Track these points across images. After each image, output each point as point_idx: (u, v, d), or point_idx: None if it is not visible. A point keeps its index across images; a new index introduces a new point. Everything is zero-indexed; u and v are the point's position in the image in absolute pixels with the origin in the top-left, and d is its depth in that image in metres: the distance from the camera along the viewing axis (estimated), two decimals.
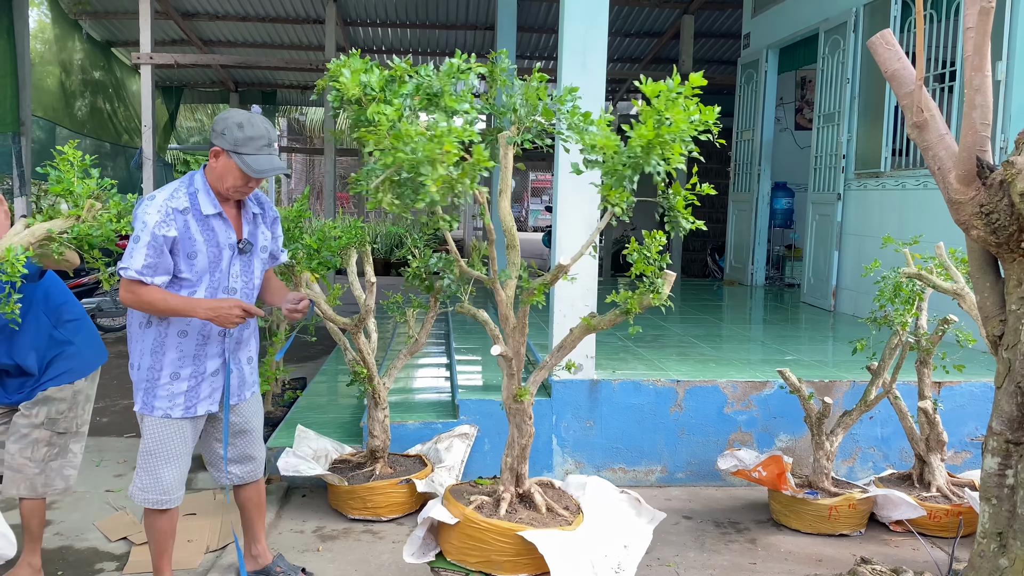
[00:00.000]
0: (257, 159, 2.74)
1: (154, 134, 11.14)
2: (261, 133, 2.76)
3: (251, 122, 2.75)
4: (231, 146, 2.72)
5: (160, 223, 2.70)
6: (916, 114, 1.55)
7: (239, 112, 2.80)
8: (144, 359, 2.91)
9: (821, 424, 4.00)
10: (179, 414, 2.90)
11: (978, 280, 1.55)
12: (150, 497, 2.92)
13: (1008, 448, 1.44)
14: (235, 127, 2.72)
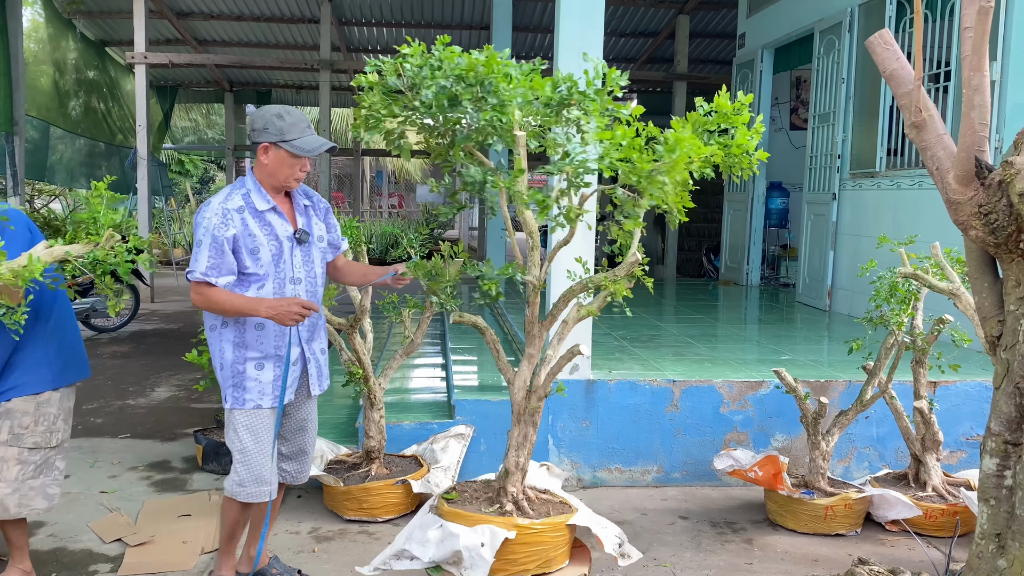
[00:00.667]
0: (305, 140, 2.86)
1: (148, 134, 11.12)
2: (300, 117, 2.89)
3: (288, 111, 2.88)
4: (278, 136, 2.83)
5: (219, 225, 2.79)
6: (914, 114, 1.54)
7: (272, 106, 2.92)
8: (226, 356, 2.94)
9: (817, 424, 4.00)
10: (269, 403, 2.95)
11: (976, 280, 1.55)
12: (251, 491, 2.96)
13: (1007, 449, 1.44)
14: (275, 118, 2.84)
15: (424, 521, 3.22)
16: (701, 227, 13.33)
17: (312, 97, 17.29)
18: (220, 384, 2.99)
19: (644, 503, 4.30)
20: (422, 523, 3.23)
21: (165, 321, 9.86)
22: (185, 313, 10.48)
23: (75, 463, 4.70)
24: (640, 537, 3.85)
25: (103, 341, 8.51)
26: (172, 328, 9.36)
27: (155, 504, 4.11)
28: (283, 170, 2.87)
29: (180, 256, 16.21)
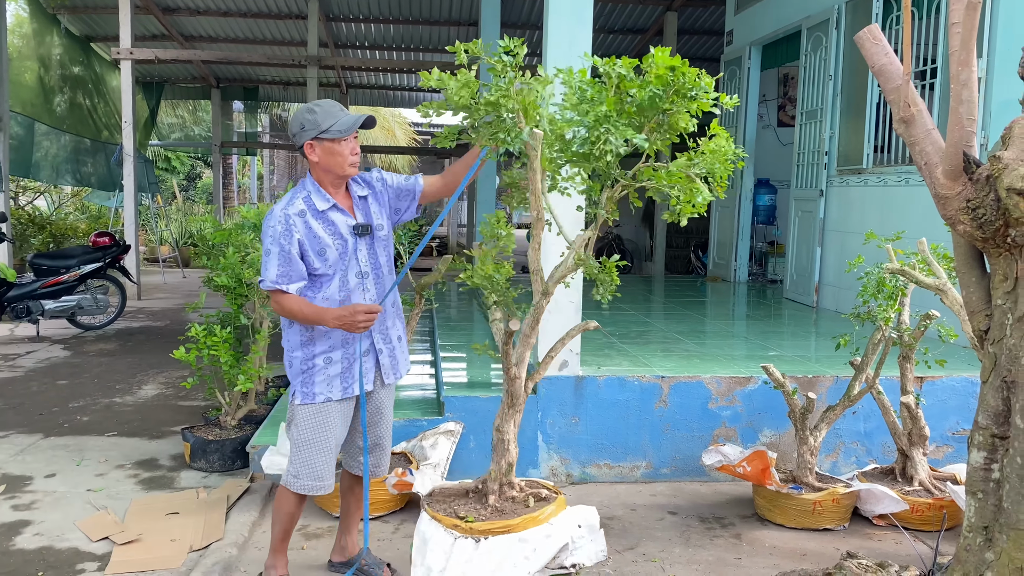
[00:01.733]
0: (341, 122, 2.85)
1: (134, 130, 11.05)
2: (330, 104, 2.90)
3: (317, 103, 2.89)
4: (315, 130, 2.83)
5: (283, 232, 2.83)
6: (903, 109, 1.55)
7: (302, 105, 3.02)
8: (296, 353, 3.00)
9: (805, 419, 4.02)
10: (339, 395, 2.98)
11: (964, 275, 1.56)
12: (304, 483, 2.99)
13: (994, 442, 1.45)
14: (306, 114, 2.85)
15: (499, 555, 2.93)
16: (689, 224, 13.36)
17: (300, 94, 17.22)
18: (290, 379, 3.03)
19: (633, 499, 4.31)
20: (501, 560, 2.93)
21: (152, 318, 9.81)
22: (172, 310, 10.43)
23: (61, 461, 4.67)
24: (629, 532, 3.86)
25: (89, 339, 8.46)
26: (159, 325, 9.31)
27: (143, 502, 4.09)
28: (334, 159, 2.88)
29: (167, 253, 16.12)
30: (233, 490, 4.19)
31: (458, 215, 22.80)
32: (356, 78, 16.76)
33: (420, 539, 2.70)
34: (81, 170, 13.03)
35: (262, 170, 29.20)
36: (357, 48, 14.79)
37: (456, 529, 2.65)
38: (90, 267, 8.52)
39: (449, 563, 2.65)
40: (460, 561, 2.61)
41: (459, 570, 2.63)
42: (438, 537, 2.67)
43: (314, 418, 2.98)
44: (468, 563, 2.60)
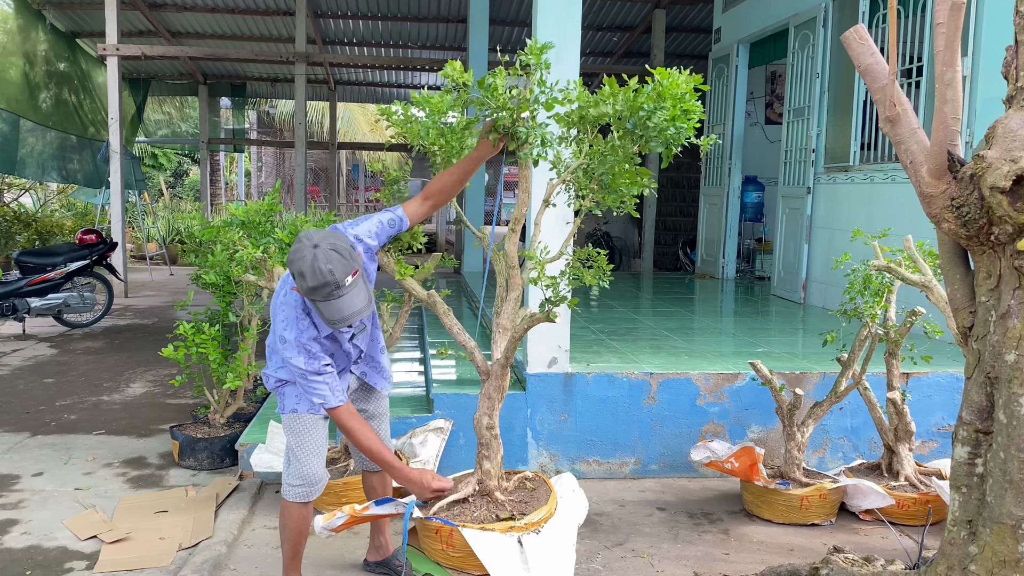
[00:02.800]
0: (328, 307, 2.57)
1: (121, 127, 10.99)
2: (325, 280, 2.52)
3: (314, 269, 2.51)
4: (304, 293, 2.60)
5: (308, 360, 2.76)
6: (889, 108, 1.57)
7: (303, 256, 2.53)
8: (282, 375, 2.99)
9: (792, 415, 4.05)
10: (306, 408, 2.96)
11: (948, 272, 1.58)
12: (298, 490, 2.98)
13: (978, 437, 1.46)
14: (299, 277, 2.56)
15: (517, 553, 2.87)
16: (677, 221, 13.42)
17: (288, 90, 17.16)
18: (267, 387, 3.05)
19: (622, 495, 4.33)
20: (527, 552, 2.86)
21: (139, 316, 9.76)
22: (160, 308, 10.38)
23: (48, 460, 4.65)
24: (619, 529, 3.88)
25: (76, 337, 8.41)
26: (147, 323, 9.27)
27: (131, 500, 4.08)
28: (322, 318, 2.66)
29: (154, 250, 16.04)
30: (222, 488, 4.19)
31: (447, 212, 22.78)
32: (344, 75, 16.71)
33: (485, 555, 2.63)
34: (67, 167, 12.95)
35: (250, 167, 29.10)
36: (345, 45, 14.75)
37: (514, 531, 2.67)
38: (76, 264, 8.47)
39: (530, 563, 2.62)
40: (536, 557, 2.62)
41: (539, 565, 2.62)
42: (501, 545, 2.62)
43: (295, 426, 2.96)
44: (542, 556, 2.63)
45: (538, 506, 2.73)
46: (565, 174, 2.72)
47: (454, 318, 3.03)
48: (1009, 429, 1.51)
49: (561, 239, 4.12)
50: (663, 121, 2.44)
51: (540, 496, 2.80)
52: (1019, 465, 1.50)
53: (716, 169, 10.01)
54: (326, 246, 2.52)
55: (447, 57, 14.80)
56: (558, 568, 2.66)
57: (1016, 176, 1.40)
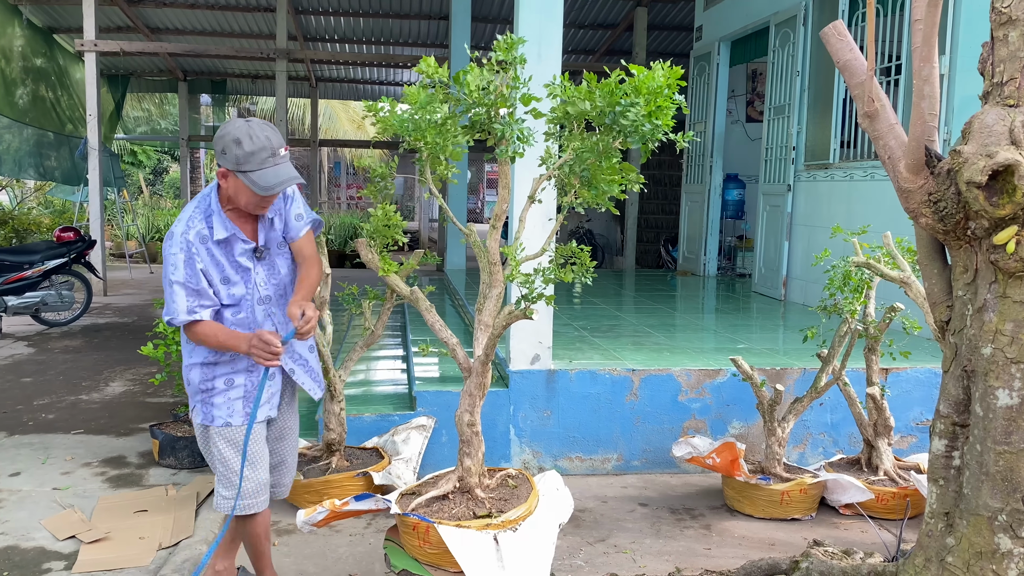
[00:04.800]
0: (263, 174, 2.56)
1: (99, 123, 10.88)
2: (262, 145, 2.57)
3: (250, 135, 2.55)
4: (234, 165, 2.56)
5: (185, 262, 2.64)
6: (867, 104, 1.58)
7: (237, 126, 2.57)
8: (194, 373, 2.82)
9: (773, 411, 4.07)
10: (239, 422, 2.81)
11: (926, 267, 1.59)
12: (234, 504, 2.81)
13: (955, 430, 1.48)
14: (233, 145, 2.55)
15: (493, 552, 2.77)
16: (659, 219, 13.46)
17: (268, 87, 17.06)
18: (189, 396, 2.87)
19: (604, 491, 4.34)
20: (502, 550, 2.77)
21: (119, 314, 9.68)
22: (139, 306, 10.29)
23: (26, 460, 4.60)
24: (601, 524, 3.89)
25: (54, 335, 8.33)
26: (126, 321, 9.19)
27: (110, 500, 4.04)
28: (242, 199, 2.65)
29: (133, 248, 15.90)
30: (203, 487, 4.16)
31: (430, 209, 22.74)
32: (326, 71, 16.64)
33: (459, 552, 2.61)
34: (44, 164, 12.80)
35: None
36: (327, 41, 14.68)
37: (490, 528, 2.63)
38: (54, 263, 8.38)
39: (505, 561, 2.60)
40: (512, 555, 2.60)
41: (515, 564, 2.60)
42: (476, 542, 2.61)
43: (223, 438, 2.81)
44: (518, 554, 2.60)
45: (518, 504, 2.72)
46: (551, 170, 2.71)
47: (436, 315, 3.02)
48: (985, 422, 1.53)
49: (543, 235, 4.12)
50: (639, 116, 2.44)
51: (521, 494, 2.79)
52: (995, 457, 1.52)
53: (697, 167, 10.06)
54: (256, 120, 2.63)
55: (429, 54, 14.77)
56: (534, 567, 2.64)
57: (992, 171, 1.42)
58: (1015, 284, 1.48)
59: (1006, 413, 1.51)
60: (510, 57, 2.58)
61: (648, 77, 2.47)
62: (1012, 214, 1.44)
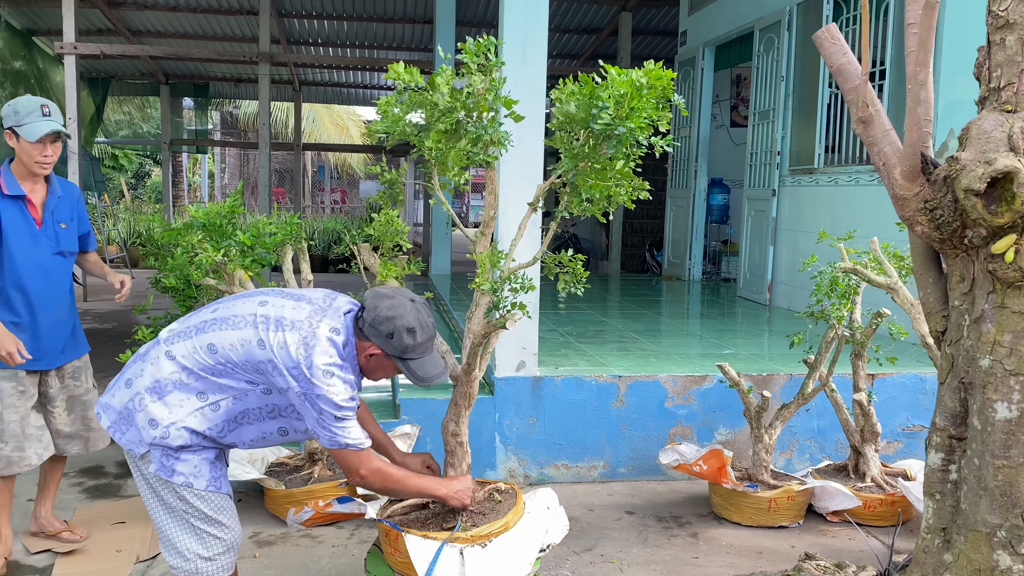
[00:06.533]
0: (424, 363, 2.47)
1: (79, 127, 10.73)
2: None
3: (421, 324, 2.42)
4: (398, 353, 2.41)
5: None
6: (861, 109, 1.54)
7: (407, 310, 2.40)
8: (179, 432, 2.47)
9: (760, 418, 4.04)
10: (203, 486, 2.46)
11: (921, 276, 1.56)
12: None
13: (951, 443, 1.44)
14: (406, 334, 2.38)
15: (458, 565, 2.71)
16: (644, 223, 13.44)
17: (251, 90, 16.94)
18: (134, 433, 2.46)
19: (591, 499, 4.30)
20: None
21: (99, 321, 9.55)
22: (120, 312, 10.16)
23: None
24: (587, 533, 3.85)
25: None
26: (106, 328, 9.07)
27: (87, 511, 3.96)
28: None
29: (115, 253, 15.73)
30: None
31: (414, 214, 22.66)
32: (309, 75, 16.54)
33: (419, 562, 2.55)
34: None
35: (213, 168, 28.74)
36: (310, 45, 14.59)
37: (458, 541, 2.57)
38: None
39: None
40: (476, 571, 2.53)
41: None
42: (443, 555, 2.56)
43: (209, 505, 2.49)
44: (483, 571, 2.53)
45: (496, 519, 2.65)
46: (552, 177, 2.66)
47: None
48: (984, 435, 1.50)
49: (531, 243, 4.07)
50: (614, 120, 2.38)
51: (503, 509, 2.72)
52: (994, 472, 1.48)
53: (682, 172, 10.05)
54: (419, 299, 2.49)
55: (414, 58, 14.71)
56: None
57: (991, 178, 1.39)
58: (1013, 294, 1.45)
59: (1005, 426, 1.48)
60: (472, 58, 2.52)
61: (617, 81, 2.41)
62: (1011, 222, 1.41)
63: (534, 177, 4.26)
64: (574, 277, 2.65)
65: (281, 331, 2.33)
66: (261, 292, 2.54)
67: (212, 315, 2.44)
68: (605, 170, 2.46)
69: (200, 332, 2.39)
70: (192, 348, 2.37)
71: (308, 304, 2.43)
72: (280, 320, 2.36)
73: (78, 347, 3.68)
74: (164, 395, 2.35)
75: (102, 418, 2.45)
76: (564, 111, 2.47)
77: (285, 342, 2.31)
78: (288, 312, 2.39)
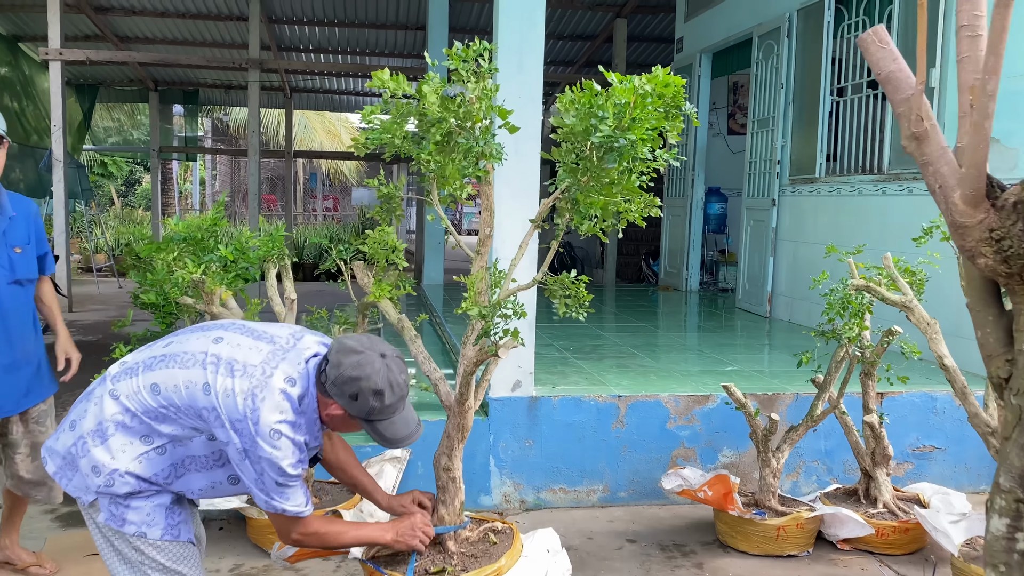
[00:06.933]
0: (394, 423, 2.26)
1: (64, 134, 10.53)
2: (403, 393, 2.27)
3: (391, 384, 2.20)
4: (363, 415, 2.22)
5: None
6: (915, 124, 1.37)
7: (376, 370, 2.17)
8: (123, 480, 2.27)
9: (768, 441, 3.86)
10: (158, 535, 2.27)
11: (979, 313, 1.38)
12: None
13: (1018, 508, 1.28)
14: (372, 397, 2.17)
15: None
16: (639, 231, 13.29)
17: (241, 97, 16.74)
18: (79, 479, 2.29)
19: (590, 525, 4.11)
20: None
21: (83, 332, 9.32)
22: (105, 323, 9.94)
23: None
24: (587, 564, 3.65)
25: None
26: (90, 340, 8.84)
27: (58, 541, 3.75)
28: (341, 429, 2.36)
29: (102, 262, 15.50)
30: None
31: (406, 221, 22.46)
32: (301, 82, 16.35)
33: None
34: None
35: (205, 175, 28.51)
36: (301, 51, 14.40)
37: None
38: None
39: None
40: None
41: None
42: None
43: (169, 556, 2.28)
44: None
45: (489, 562, 2.46)
46: (556, 193, 2.47)
47: (421, 345, 2.78)
48: None
49: (528, 260, 3.89)
50: (614, 132, 2.20)
51: (497, 552, 2.53)
52: None
53: (679, 180, 9.89)
54: (391, 352, 2.21)
55: (406, 65, 14.53)
56: None
57: None
58: None
59: None
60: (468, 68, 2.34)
61: (618, 90, 2.23)
62: None
63: (530, 190, 4.09)
64: (576, 301, 2.46)
65: (230, 376, 2.10)
66: (219, 326, 2.30)
67: (163, 350, 2.23)
68: (612, 185, 2.27)
69: (147, 369, 2.17)
70: (136, 387, 2.15)
71: (268, 344, 2.20)
72: (232, 363, 2.12)
73: (44, 388, 3.31)
74: (106, 439, 2.13)
75: (48, 463, 2.23)
76: (562, 121, 2.28)
77: (232, 389, 2.08)
78: (242, 353, 2.15)
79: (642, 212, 2.39)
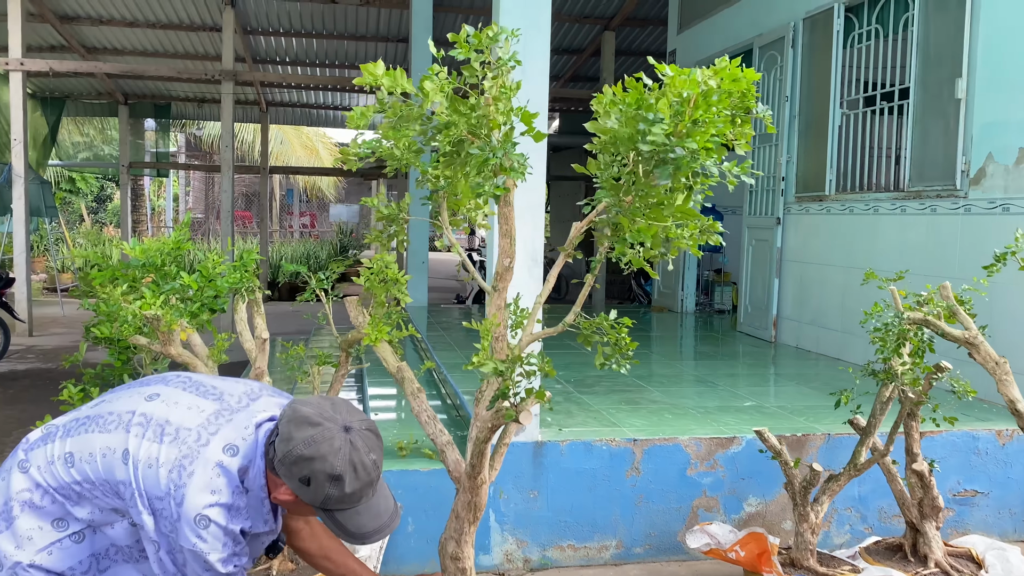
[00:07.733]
0: (359, 514, 1.82)
1: (26, 149, 9.98)
2: (370, 478, 1.80)
3: (356, 467, 1.77)
4: (319, 504, 1.79)
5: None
6: None
7: (338, 449, 1.73)
8: None
9: (807, 493, 3.41)
10: None
11: None
12: None
13: None
14: (329, 484, 1.71)
15: None
16: None
17: (216, 111, 16.21)
18: None
19: None
20: None
21: (42, 359, 8.74)
22: (68, 348, 9.35)
23: None
24: None
25: None
26: (50, 368, 8.26)
27: None
28: (291, 510, 1.91)
29: (68, 282, 14.86)
30: None
31: None
32: (277, 95, 15.84)
33: None
34: None
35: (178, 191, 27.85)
36: (278, 64, 13.92)
37: None
38: None
39: None
40: None
41: None
42: None
43: None
44: None
45: None
46: (590, 215, 2.02)
47: (425, 401, 2.30)
48: None
49: (535, 287, 3.44)
50: (669, 138, 1.76)
51: None
52: None
53: None
54: (358, 424, 1.76)
55: None
56: None
57: None
58: None
59: None
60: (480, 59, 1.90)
61: (676, 82, 1.79)
62: None
63: (537, 209, 3.65)
64: (617, 350, 1.99)
65: (157, 441, 1.66)
66: (161, 380, 1.85)
67: (90, 411, 1.80)
68: (662, 206, 1.82)
69: (66, 435, 1.73)
70: (50, 457, 1.71)
71: (214, 403, 1.75)
72: (163, 425, 1.68)
73: None
74: (11, 522, 1.68)
75: None
76: (603, 127, 1.83)
77: (156, 459, 1.64)
78: (177, 413, 1.71)
79: (697, 240, 1.93)
